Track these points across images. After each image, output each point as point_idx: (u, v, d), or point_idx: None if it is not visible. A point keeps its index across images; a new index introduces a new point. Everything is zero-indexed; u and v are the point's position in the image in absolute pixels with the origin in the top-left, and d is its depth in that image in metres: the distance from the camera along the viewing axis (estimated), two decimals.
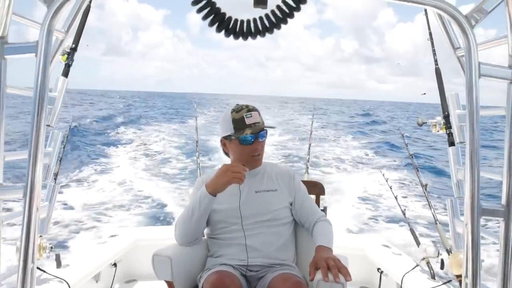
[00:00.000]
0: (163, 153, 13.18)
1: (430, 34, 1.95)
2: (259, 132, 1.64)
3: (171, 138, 16.49)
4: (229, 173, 1.53)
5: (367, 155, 14.66)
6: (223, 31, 0.57)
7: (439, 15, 1.04)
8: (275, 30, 0.57)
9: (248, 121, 1.63)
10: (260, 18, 0.59)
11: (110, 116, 25.16)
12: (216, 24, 0.58)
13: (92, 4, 1.40)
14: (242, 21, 0.58)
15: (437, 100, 1.82)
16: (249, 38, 0.58)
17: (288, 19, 0.58)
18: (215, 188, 1.57)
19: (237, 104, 1.71)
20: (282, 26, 0.57)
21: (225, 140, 1.71)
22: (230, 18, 0.59)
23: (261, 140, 1.66)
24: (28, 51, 0.86)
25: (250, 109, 1.67)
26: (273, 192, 1.73)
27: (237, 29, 0.57)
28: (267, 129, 1.68)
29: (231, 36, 0.58)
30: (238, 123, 1.64)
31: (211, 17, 0.58)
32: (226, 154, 1.78)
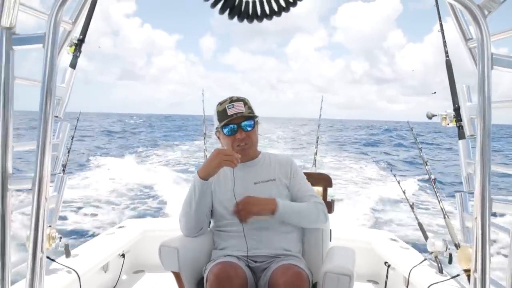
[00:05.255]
0: None
1: (441, 25, 1.90)
2: (242, 122, 1.65)
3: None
4: (221, 156, 1.56)
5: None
6: (226, 12, 0.55)
7: (451, 5, 1.01)
8: (283, 13, 0.55)
9: (230, 111, 1.64)
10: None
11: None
12: (221, 4, 0.55)
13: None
14: (247, 2, 0.55)
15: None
16: (255, 21, 0.55)
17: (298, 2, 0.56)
18: (207, 172, 1.59)
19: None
20: (291, 8, 0.54)
21: (217, 132, 1.75)
22: None
23: (247, 130, 1.66)
24: (36, 42, 0.86)
25: (233, 100, 1.68)
26: (272, 181, 1.72)
27: (242, 10, 0.54)
28: (255, 119, 1.67)
29: (235, 18, 0.55)
30: (221, 115, 1.66)
31: None
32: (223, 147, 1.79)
